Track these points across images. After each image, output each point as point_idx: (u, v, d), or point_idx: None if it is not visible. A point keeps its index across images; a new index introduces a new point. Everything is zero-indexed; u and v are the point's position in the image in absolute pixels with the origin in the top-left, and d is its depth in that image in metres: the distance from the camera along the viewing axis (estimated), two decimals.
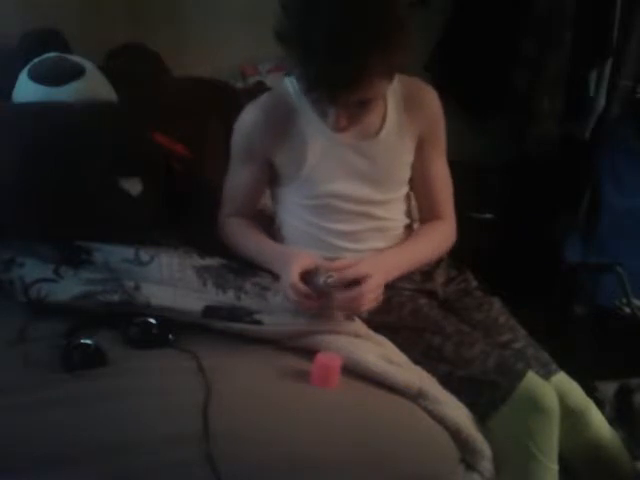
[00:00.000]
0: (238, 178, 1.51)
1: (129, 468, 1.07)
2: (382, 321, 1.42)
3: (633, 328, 1.88)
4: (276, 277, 1.41)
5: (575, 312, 2.14)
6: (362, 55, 1.18)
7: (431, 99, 1.48)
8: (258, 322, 1.34)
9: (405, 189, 1.52)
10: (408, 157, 1.48)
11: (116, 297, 1.35)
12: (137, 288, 1.36)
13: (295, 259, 1.33)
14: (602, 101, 2.23)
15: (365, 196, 1.45)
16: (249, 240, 1.49)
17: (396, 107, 1.43)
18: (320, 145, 1.41)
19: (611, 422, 1.43)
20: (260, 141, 1.43)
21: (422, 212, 1.56)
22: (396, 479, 1.18)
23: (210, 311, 1.35)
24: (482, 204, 1.54)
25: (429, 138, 1.48)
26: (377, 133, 1.42)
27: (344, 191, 1.43)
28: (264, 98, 1.47)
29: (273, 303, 1.37)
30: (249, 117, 1.45)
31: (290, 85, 1.43)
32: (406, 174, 1.50)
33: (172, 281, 1.39)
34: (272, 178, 1.50)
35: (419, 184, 1.52)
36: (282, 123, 1.42)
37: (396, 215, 1.51)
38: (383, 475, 1.16)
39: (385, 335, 1.39)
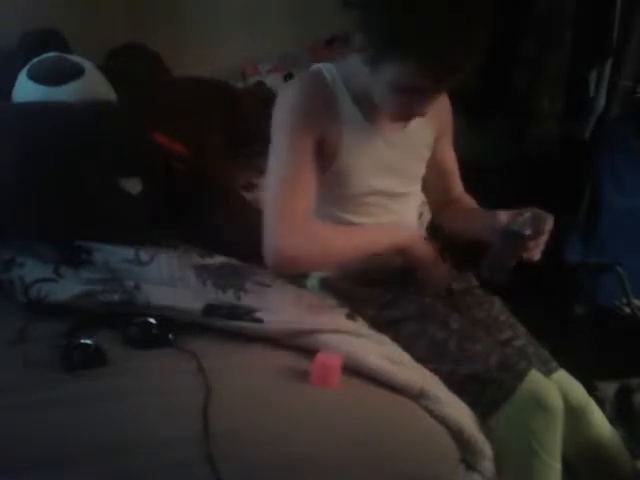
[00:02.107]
0: (299, 158, 1.30)
1: (129, 468, 1.07)
2: (388, 316, 1.42)
3: (633, 328, 1.88)
4: None
5: (575, 312, 2.15)
6: (477, 42, 1.17)
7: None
8: (258, 320, 1.33)
9: (420, 184, 1.54)
10: (427, 152, 1.51)
11: (116, 297, 1.35)
12: (137, 288, 1.36)
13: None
14: (602, 101, 2.24)
15: (387, 188, 1.44)
16: (352, 237, 1.39)
17: None
18: (354, 137, 1.36)
19: (611, 422, 1.43)
20: (313, 114, 1.31)
21: (437, 198, 1.62)
22: (396, 479, 1.18)
23: (210, 309, 1.34)
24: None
25: (444, 131, 1.54)
26: (404, 125, 1.43)
27: (374, 184, 1.42)
28: (302, 84, 1.38)
29: (273, 301, 1.37)
30: (294, 92, 1.34)
31: (327, 73, 1.35)
32: (422, 169, 1.52)
33: (172, 281, 1.39)
34: None
35: (435, 170, 1.55)
36: (322, 109, 1.33)
37: (410, 210, 1.53)
38: (383, 475, 1.16)
39: (390, 329, 1.39)
